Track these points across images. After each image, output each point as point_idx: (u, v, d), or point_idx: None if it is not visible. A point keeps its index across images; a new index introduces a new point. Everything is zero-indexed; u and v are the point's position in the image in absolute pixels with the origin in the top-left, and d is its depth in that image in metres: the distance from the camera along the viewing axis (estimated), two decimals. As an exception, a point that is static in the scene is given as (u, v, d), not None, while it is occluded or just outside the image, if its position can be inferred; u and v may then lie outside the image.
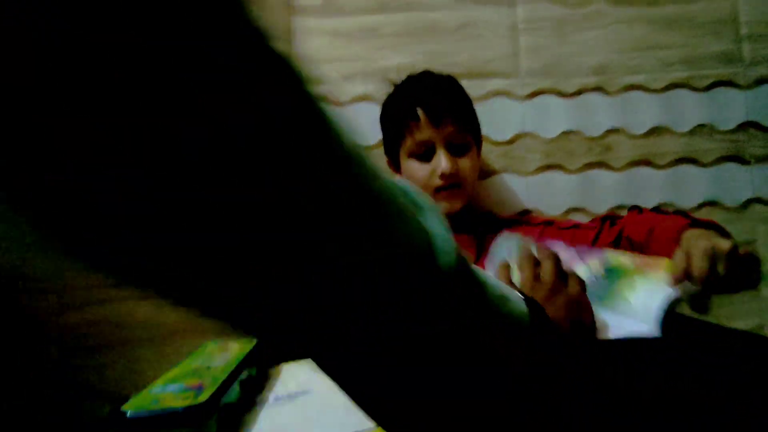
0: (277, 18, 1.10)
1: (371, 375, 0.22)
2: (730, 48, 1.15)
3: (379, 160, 0.89)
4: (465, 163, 0.84)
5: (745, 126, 1.13)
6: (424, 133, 0.82)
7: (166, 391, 0.43)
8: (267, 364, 0.64)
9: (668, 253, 0.56)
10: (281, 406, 0.46)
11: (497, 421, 0.27)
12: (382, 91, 1.07)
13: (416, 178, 0.83)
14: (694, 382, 0.43)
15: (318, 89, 0.17)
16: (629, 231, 0.75)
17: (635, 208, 0.86)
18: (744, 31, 1.15)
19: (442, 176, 0.82)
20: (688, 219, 0.69)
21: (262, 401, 0.48)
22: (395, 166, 0.90)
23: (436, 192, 0.83)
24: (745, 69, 1.15)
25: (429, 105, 0.82)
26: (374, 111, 1.11)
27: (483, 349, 0.25)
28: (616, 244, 0.76)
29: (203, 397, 0.39)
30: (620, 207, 1.10)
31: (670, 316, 0.47)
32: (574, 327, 0.41)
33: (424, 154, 0.83)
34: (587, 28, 1.14)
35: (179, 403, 0.39)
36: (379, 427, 0.36)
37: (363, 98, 1.11)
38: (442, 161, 0.82)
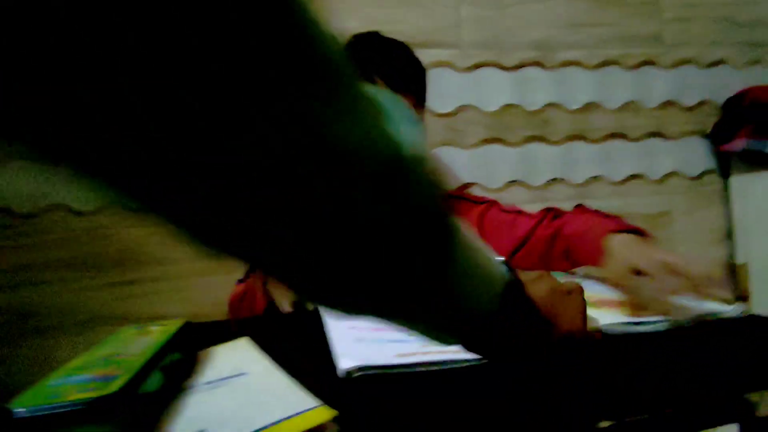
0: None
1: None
2: (656, 29, 1.20)
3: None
4: None
5: (666, 104, 1.20)
6: None
7: (68, 383, 0.36)
8: (196, 348, 0.58)
9: (594, 258, 0.58)
10: (212, 390, 0.41)
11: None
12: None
13: None
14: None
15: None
16: (568, 229, 0.73)
17: (580, 206, 0.83)
18: (667, 14, 1.21)
19: None
20: (618, 224, 0.68)
21: (190, 387, 0.42)
22: None
23: None
24: (667, 50, 1.21)
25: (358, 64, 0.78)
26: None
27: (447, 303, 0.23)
28: (553, 238, 0.73)
29: (113, 387, 0.33)
30: (556, 180, 1.13)
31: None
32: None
33: None
34: (528, 2, 1.14)
35: (83, 396, 0.33)
36: (324, 406, 0.32)
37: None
38: None
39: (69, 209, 0.93)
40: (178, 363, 0.46)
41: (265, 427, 0.32)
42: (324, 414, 0.32)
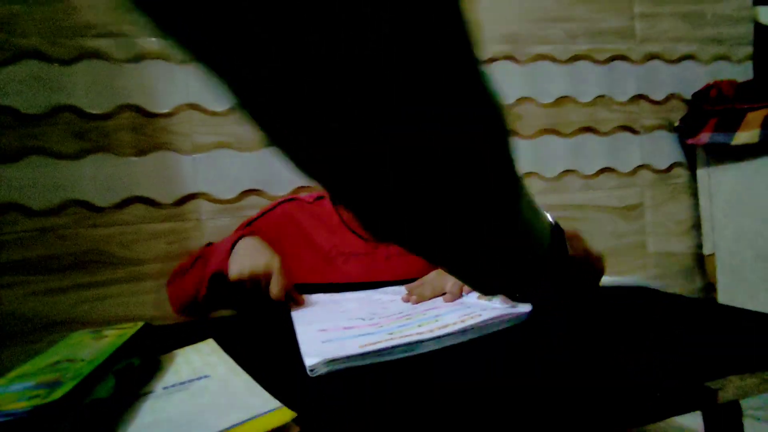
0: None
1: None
2: (626, 24, 1.22)
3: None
4: None
5: (636, 98, 1.22)
6: None
7: (9, 390, 0.33)
8: (158, 351, 0.55)
9: None
10: (170, 395, 0.39)
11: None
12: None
13: None
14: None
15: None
16: None
17: None
18: (637, 9, 1.23)
19: None
20: None
21: (147, 393, 0.40)
22: None
23: None
24: (637, 45, 1.23)
25: None
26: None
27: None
28: None
29: (57, 394, 0.31)
30: (530, 173, 1.14)
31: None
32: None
33: None
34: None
35: (23, 404, 0.30)
36: (285, 407, 0.31)
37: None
38: None
39: (21, 209, 0.88)
40: (135, 368, 0.44)
41: (222, 431, 0.30)
42: (285, 415, 0.30)
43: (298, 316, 0.56)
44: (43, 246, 0.89)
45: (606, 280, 0.56)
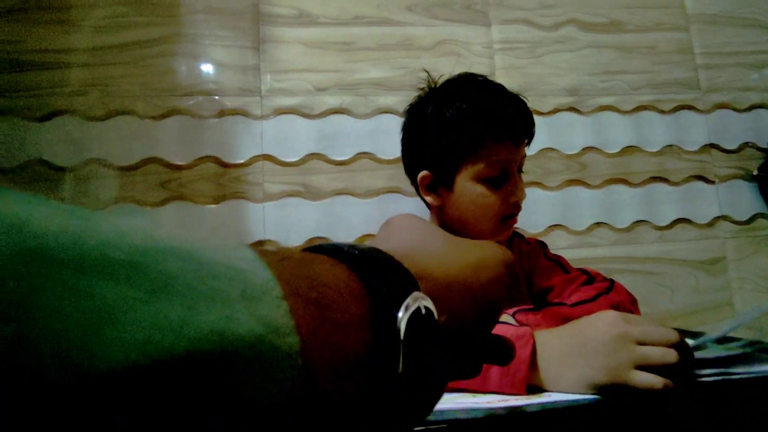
0: (243, 25, 1.05)
1: None
2: (689, 75, 1.21)
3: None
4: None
5: (707, 147, 1.18)
6: (505, 155, 0.70)
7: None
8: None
9: None
10: None
11: None
12: (361, 103, 1.03)
13: (484, 206, 0.71)
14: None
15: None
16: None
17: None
18: (699, 60, 1.22)
19: (515, 204, 0.72)
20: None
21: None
22: (443, 183, 0.74)
23: (502, 220, 0.72)
24: (703, 95, 1.21)
25: (517, 126, 0.71)
26: (349, 123, 1.07)
27: None
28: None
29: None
30: (598, 224, 1.10)
31: None
32: None
33: (498, 177, 0.71)
34: (559, 50, 1.16)
35: None
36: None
37: (338, 111, 1.06)
38: (520, 188, 0.72)
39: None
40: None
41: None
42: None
43: None
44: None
45: (720, 328, 0.51)
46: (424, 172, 0.75)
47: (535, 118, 1.12)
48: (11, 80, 0.94)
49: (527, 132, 0.74)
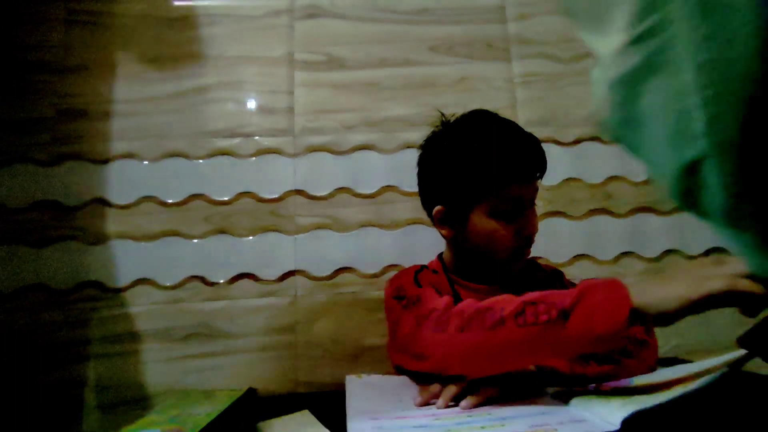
0: (279, 72, 1.14)
1: None
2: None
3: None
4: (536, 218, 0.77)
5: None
6: (517, 192, 0.73)
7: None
8: (257, 419, 0.58)
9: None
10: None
11: None
12: (386, 139, 1.09)
13: (497, 240, 0.73)
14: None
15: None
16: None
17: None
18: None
19: (528, 237, 0.75)
20: None
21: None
22: (457, 218, 0.77)
23: (515, 252, 0.75)
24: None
25: (529, 164, 0.74)
26: (375, 158, 1.13)
27: None
28: None
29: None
30: (626, 254, 1.09)
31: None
32: None
33: (512, 212, 0.73)
34: (579, 82, 1.18)
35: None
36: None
37: (364, 147, 1.12)
38: (532, 223, 0.75)
39: (152, 283, 1.02)
40: None
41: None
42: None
43: (353, 401, 0.55)
44: (165, 318, 1.01)
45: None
46: (438, 207, 0.78)
47: (558, 148, 1.15)
48: (77, 127, 1.08)
49: (539, 168, 0.76)
